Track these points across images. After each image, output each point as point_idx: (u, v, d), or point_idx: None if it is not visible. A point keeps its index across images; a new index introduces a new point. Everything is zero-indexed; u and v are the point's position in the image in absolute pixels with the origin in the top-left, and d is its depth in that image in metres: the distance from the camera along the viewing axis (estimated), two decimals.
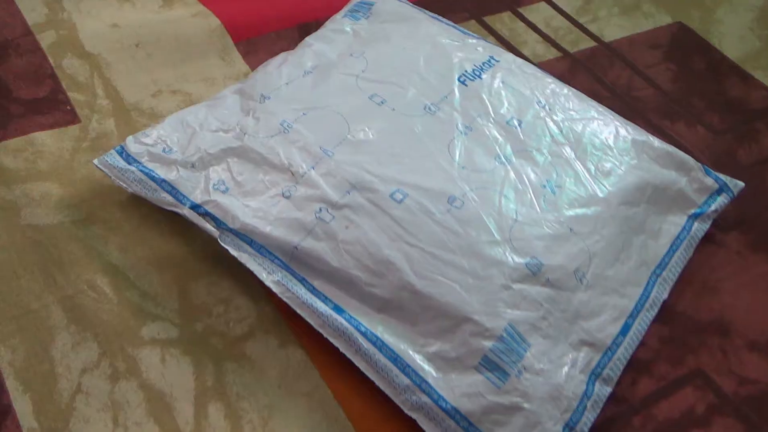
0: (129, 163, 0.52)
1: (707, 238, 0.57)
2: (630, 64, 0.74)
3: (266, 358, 0.47)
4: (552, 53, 0.74)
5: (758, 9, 0.83)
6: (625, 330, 0.49)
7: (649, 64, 0.74)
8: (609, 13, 0.79)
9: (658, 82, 0.72)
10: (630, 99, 0.70)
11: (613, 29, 0.77)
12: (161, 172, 0.51)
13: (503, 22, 0.76)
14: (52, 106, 0.60)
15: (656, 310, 0.52)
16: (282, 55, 0.62)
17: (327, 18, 0.69)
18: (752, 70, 0.75)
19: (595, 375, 0.46)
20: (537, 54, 0.73)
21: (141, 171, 0.51)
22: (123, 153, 0.53)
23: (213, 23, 0.69)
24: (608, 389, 0.47)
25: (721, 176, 0.59)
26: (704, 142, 0.67)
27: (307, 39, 0.63)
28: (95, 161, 0.53)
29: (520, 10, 0.78)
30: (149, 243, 0.52)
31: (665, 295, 0.52)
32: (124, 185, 0.52)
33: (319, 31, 0.65)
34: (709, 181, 0.58)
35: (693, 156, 0.65)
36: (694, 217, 0.57)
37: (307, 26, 0.71)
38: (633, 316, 0.50)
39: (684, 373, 0.50)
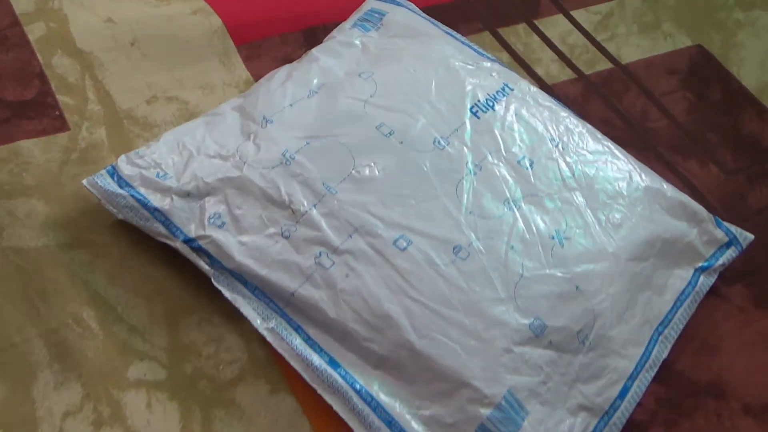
0: (121, 187, 0.49)
1: (711, 291, 0.56)
2: (646, 90, 0.71)
3: (256, 405, 0.46)
4: (566, 74, 0.71)
5: None
6: (623, 393, 0.48)
7: (665, 91, 0.72)
8: (628, 31, 0.76)
9: (673, 112, 0.70)
10: (643, 131, 0.68)
11: (631, 49, 0.75)
12: (154, 199, 0.49)
13: (518, 35, 0.73)
14: (40, 111, 0.56)
15: (655, 369, 0.51)
16: (286, 68, 0.59)
17: (335, 23, 0.66)
18: None
19: None
20: (551, 74, 0.70)
21: (133, 197, 0.49)
22: (114, 175, 0.50)
23: (214, 23, 0.65)
24: None
25: (732, 228, 0.57)
26: (716, 182, 0.65)
27: (314, 51, 0.60)
28: (84, 182, 0.50)
29: (537, 22, 0.75)
30: (139, 271, 0.50)
31: (665, 354, 0.52)
32: (114, 210, 0.49)
33: (326, 42, 0.62)
34: (720, 233, 0.57)
35: (704, 198, 0.64)
36: (701, 270, 0.56)
37: (313, 30, 0.67)
38: (632, 378, 0.49)
39: None
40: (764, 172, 0.67)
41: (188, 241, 0.48)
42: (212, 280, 0.47)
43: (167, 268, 0.50)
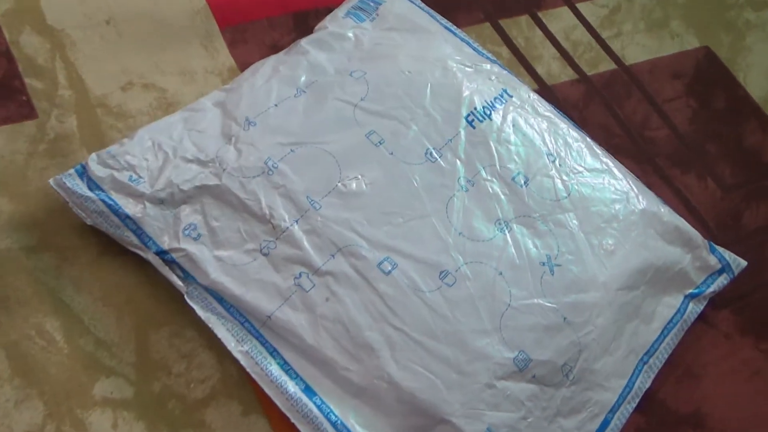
0: (90, 189, 0.46)
1: (699, 316, 0.55)
2: (648, 96, 0.68)
3: (227, 428, 0.44)
4: (567, 74, 0.68)
5: None
6: (603, 427, 0.47)
7: (668, 97, 0.69)
8: (634, 29, 0.73)
9: (674, 121, 0.67)
10: (643, 141, 0.65)
11: (636, 49, 0.71)
12: (126, 205, 0.46)
13: (520, 28, 0.69)
14: (6, 95, 0.52)
15: (637, 400, 0.50)
16: (272, 60, 0.55)
17: (327, 8, 0.62)
18: None
19: None
20: (552, 74, 0.67)
21: (103, 202, 0.46)
22: (84, 175, 0.47)
23: (198, 2, 0.60)
24: None
25: (726, 255, 0.56)
26: (712, 199, 0.63)
27: (303, 43, 0.56)
28: (51, 181, 0.46)
29: (540, 14, 0.71)
30: (109, 278, 0.47)
31: (648, 384, 0.51)
32: (83, 215, 0.46)
33: (316, 33, 0.58)
34: (713, 260, 0.55)
35: (698, 215, 0.62)
36: (691, 297, 0.54)
37: (304, 15, 0.63)
38: (613, 410, 0.48)
39: None
40: (762, 190, 0.65)
41: (161, 254, 0.45)
42: (185, 296, 0.44)
43: (139, 275, 0.47)
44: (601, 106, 0.67)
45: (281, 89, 0.52)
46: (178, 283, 0.45)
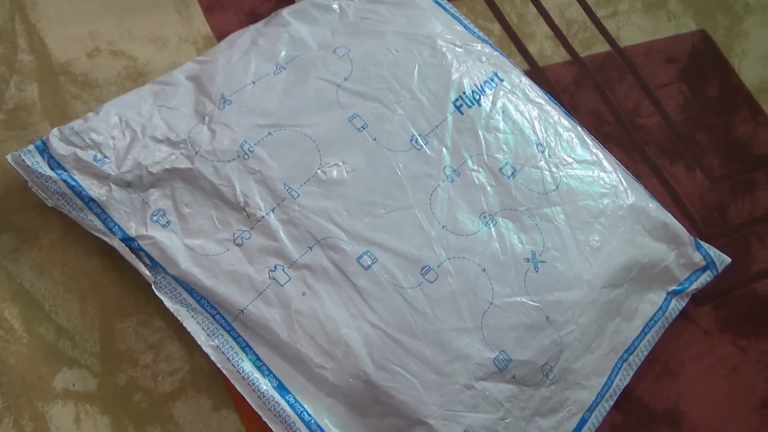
0: (51, 168, 0.43)
1: (680, 312, 0.55)
2: (641, 81, 0.66)
3: (196, 423, 0.42)
4: (560, 55, 0.65)
5: None
6: (580, 425, 0.47)
7: (661, 82, 0.67)
8: (631, 8, 0.70)
9: (666, 108, 0.66)
10: (633, 128, 0.63)
11: (632, 30, 0.69)
12: (90, 187, 0.43)
13: (514, 3, 0.66)
14: None
15: (615, 398, 0.49)
16: (251, 31, 0.52)
17: None
18: (765, 103, 0.69)
19: None
20: (544, 54, 0.64)
21: (65, 183, 0.43)
22: (44, 153, 0.44)
23: None
24: None
25: (711, 251, 0.55)
26: (699, 190, 0.62)
27: (284, 12, 0.53)
28: (8, 158, 0.43)
29: None
30: (71, 262, 0.44)
31: (627, 381, 0.50)
32: (44, 196, 0.43)
33: (299, 2, 0.54)
34: (698, 257, 0.54)
35: (684, 208, 0.61)
36: (673, 293, 0.53)
37: None
38: (591, 409, 0.48)
39: None
40: (749, 183, 0.64)
41: (127, 240, 0.43)
42: (153, 287, 0.42)
43: (104, 260, 0.45)
44: (593, 90, 0.64)
45: (260, 65, 0.49)
46: (146, 272, 0.42)
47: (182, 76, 0.49)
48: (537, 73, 0.63)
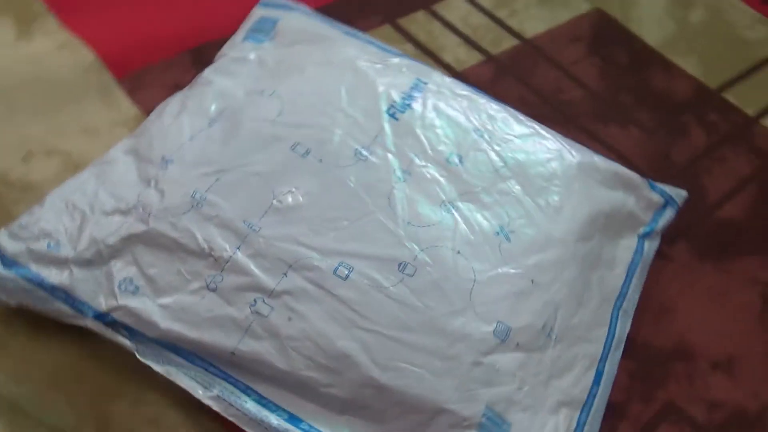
0: (7, 267, 0.42)
1: (657, 253, 0.56)
2: (555, 62, 0.70)
3: None
4: (474, 57, 0.68)
5: None
6: (598, 378, 0.46)
7: (573, 59, 0.71)
8: (526, 4, 0.75)
9: (585, 81, 0.69)
10: (560, 104, 0.66)
11: (533, 22, 0.73)
12: (50, 275, 0.42)
13: (418, 23, 0.70)
14: None
15: (623, 346, 0.49)
16: (177, 96, 0.53)
17: (222, 39, 0.60)
18: (672, 55, 0.73)
19: None
20: (459, 59, 0.67)
21: (23, 277, 0.42)
22: None
23: (86, 58, 0.58)
24: None
25: (666, 188, 0.57)
26: (639, 144, 0.65)
27: (205, 73, 0.54)
28: None
29: (435, 7, 0.72)
30: (48, 360, 0.43)
31: (628, 327, 0.50)
32: (4, 297, 0.42)
33: (217, 61, 0.56)
34: (655, 196, 0.56)
35: (631, 162, 0.63)
36: (644, 236, 0.54)
37: (200, 51, 0.61)
38: (603, 359, 0.47)
39: (657, 410, 0.49)
40: (681, 126, 0.67)
41: (99, 317, 0.41)
42: (137, 355, 0.41)
43: (82, 348, 0.44)
44: (513, 80, 0.68)
45: (193, 122, 0.50)
46: (126, 343, 0.41)
47: (119, 152, 0.49)
48: (458, 78, 0.66)
